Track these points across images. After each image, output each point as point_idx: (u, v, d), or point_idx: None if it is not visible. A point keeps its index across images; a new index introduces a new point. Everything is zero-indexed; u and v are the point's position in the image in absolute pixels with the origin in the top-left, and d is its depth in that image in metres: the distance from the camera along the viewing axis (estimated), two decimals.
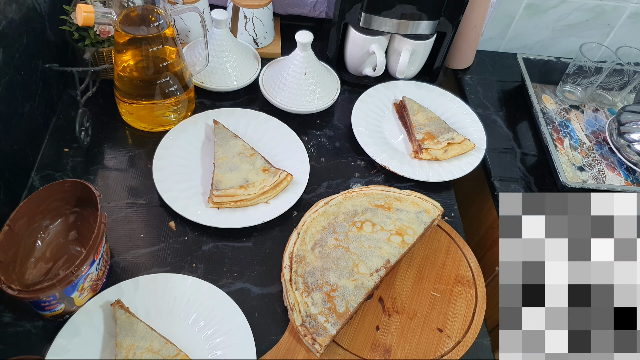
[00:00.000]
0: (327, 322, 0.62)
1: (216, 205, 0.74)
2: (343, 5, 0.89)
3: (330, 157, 0.87)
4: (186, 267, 0.70)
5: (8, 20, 0.68)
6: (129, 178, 0.78)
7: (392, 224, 0.72)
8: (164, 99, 0.80)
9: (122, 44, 0.74)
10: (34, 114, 0.77)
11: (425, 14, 0.88)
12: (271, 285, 0.70)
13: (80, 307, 0.61)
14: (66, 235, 0.66)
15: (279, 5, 1.04)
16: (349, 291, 0.65)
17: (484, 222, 0.98)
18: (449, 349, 0.66)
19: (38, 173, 0.77)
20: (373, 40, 0.93)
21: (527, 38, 1.13)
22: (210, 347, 0.62)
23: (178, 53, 0.78)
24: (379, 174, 0.86)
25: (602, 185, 0.88)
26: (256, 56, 0.96)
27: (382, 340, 0.66)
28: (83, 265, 0.57)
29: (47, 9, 0.80)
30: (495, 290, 0.93)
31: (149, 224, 0.74)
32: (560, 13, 1.07)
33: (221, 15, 0.86)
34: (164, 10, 0.73)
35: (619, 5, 1.06)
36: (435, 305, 0.69)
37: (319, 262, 0.68)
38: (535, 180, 0.89)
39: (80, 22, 0.67)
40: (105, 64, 0.85)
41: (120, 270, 0.68)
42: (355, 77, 1.01)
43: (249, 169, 0.78)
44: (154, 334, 0.60)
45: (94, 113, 0.85)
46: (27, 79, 0.74)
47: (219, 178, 0.76)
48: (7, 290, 0.54)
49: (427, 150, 0.85)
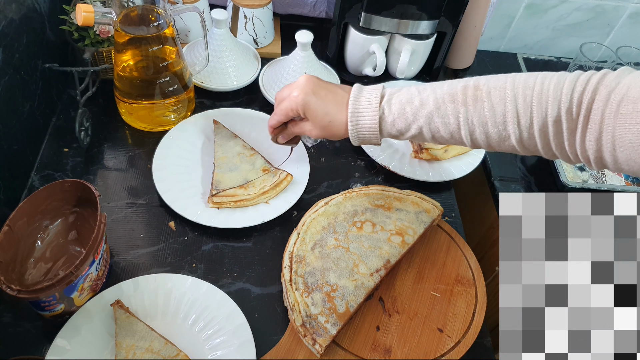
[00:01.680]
0: (328, 322, 0.62)
1: (216, 205, 0.74)
2: (343, 5, 0.89)
3: (330, 157, 0.87)
4: (186, 267, 0.70)
5: (8, 20, 0.68)
6: (129, 178, 0.78)
7: (392, 224, 0.72)
8: (164, 99, 0.80)
9: (122, 43, 0.74)
10: (34, 114, 0.77)
11: (425, 13, 0.88)
12: (271, 286, 0.70)
13: (80, 307, 0.61)
14: (66, 235, 0.66)
15: (279, 5, 1.04)
16: (349, 291, 0.65)
17: (484, 222, 0.98)
18: (449, 349, 0.66)
19: (38, 173, 0.77)
20: (373, 40, 0.93)
21: (527, 38, 1.13)
22: (210, 347, 0.62)
23: (178, 53, 0.78)
24: (379, 174, 0.86)
25: (602, 185, 0.88)
26: (256, 56, 0.96)
27: (382, 340, 0.66)
28: (83, 265, 0.57)
29: (47, 9, 0.80)
30: (496, 290, 0.93)
31: (149, 224, 0.74)
32: (561, 13, 1.07)
33: (221, 15, 0.86)
34: (164, 10, 0.73)
35: (619, 5, 1.06)
36: (435, 305, 0.69)
37: (319, 262, 0.68)
38: (535, 180, 0.89)
39: (80, 22, 0.67)
40: (105, 64, 0.84)
41: (120, 270, 0.68)
42: (355, 77, 1.01)
43: (248, 169, 0.78)
44: (154, 334, 0.60)
45: (93, 113, 0.85)
46: (27, 79, 0.74)
47: (219, 178, 0.76)
48: (7, 290, 0.54)
49: (427, 150, 0.85)
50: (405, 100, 0.59)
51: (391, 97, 0.61)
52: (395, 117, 0.60)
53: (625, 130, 0.47)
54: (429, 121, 0.58)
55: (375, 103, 0.61)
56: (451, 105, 0.56)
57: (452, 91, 0.57)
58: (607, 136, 0.49)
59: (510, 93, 0.53)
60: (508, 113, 0.54)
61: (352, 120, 0.62)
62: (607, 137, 0.49)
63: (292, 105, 0.64)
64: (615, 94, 0.48)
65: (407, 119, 0.59)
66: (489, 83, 0.55)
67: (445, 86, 0.58)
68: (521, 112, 0.53)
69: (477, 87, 0.56)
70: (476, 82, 0.56)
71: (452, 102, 0.56)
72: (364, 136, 0.63)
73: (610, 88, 0.48)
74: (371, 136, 0.62)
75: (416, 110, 0.58)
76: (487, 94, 0.55)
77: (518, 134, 0.54)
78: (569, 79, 0.51)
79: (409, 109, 0.59)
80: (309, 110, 0.63)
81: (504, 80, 0.55)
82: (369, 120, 0.61)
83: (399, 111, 0.59)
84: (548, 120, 0.52)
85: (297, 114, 0.65)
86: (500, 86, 0.54)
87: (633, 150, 0.47)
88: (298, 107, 0.63)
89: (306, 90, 0.63)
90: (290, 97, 0.64)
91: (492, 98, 0.54)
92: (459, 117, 0.56)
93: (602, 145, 0.50)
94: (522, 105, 0.53)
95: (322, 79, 0.64)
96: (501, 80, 0.55)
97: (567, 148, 0.53)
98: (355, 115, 0.61)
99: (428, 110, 0.58)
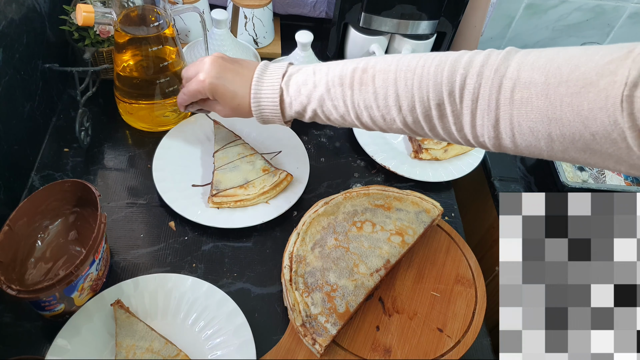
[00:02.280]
0: (328, 322, 0.62)
1: (216, 205, 0.74)
2: (343, 5, 0.89)
3: (330, 157, 0.87)
4: (186, 267, 0.70)
5: (8, 20, 0.68)
6: (129, 178, 0.78)
7: (392, 224, 0.72)
8: (164, 99, 0.80)
9: (122, 44, 0.74)
10: (34, 114, 0.77)
11: (425, 14, 0.88)
12: (271, 285, 0.70)
13: (80, 307, 0.61)
14: (66, 235, 0.66)
15: (279, 5, 1.04)
16: (349, 291, 0.65)
17: (484, 222, 0.98)
18: (449, 349, 0.66)
19: (38, 173, 0.77)
20: (373, 40, 0.93)
21: (527, 38, 1.13)
22: (210, 347, 0.62)
23: (178, 53, 0.78)
24: (379, 174, 0.86)
25: (602, 185, 0.88)
26: (256, 56, 0.96)
27: (382, 340, 0.66)
28: (83, 265, 0.57)
29: (47, 9, 0.80)
30: (495, 290, 0.93)
31: (149, 224, 0.74)
32: (560, 13, 1.07)
33: (221, 15, 0.86)
34: (164, 10, 0.73)
35: (619, 5, 1.06)
36: (435, 305, 0.69)
37: (319, 262, 0.68)
38: (535, 180, 0.89)
39: (80, 22, 0.67)
40: (105, 64, 0.84)
41: (120, 270, 0.68)
42: None
43: (248, 169, 0.78)
44: (154, 334, 0.60)
45: (94, 113, 0.85)
46: (27, 79, 0.74)
47: (219, 178, 0.76)
48: (7, 290, 0.54)
49: (427, 150, 0.85)
50: (302, 81, 0.58)
51: (290, 77, 0.59)
52: (292, 99, 0.59)
53: (523, 118, 0.45)
54: (321, 104, 0.57)
55: (276, 84, 0.59)
56: (339, 89, 0.56)
57: (342, 73, 0.56)
58: (505, 123, 0.46)
59: (392, 76, 0.52)
60: (389, 97, 0.52)
61: (255, 101, 0.61)
62: (505, 124, 0.46)
63: (200, 88, 0.63)
64: (507, 80, 0.45)
65: (302, 102, 0.58)
66: (376, 66, 0.54)
67: (339, 67, 0.56)
68: (402, 96, 0.51)
69: (365, 70, 0.54)
70: (365, 65, 0.55)
71: (341, 85, 0.55)
72: (267, 117, 0.62)
73: (501, 73, 0.46)
74: (274, 117, 0.62)
75: (310, 92, 0.58)
76: (372, 78, 0.53)
77: (402, 118, 0.53)
78: (449, 61, 0.49)
79: (304, 90, 0.58)
80: (217, 94, 0.63)
81: (389, 63, 0.53)
82: (270, 102, 0.60)
83: (295, 93, 0.58)
84: (430, 104, 0.50)
85: (205, 96, 0.65)
86: (385, 69, 0.53)
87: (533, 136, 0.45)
88: (206, 91, 0.63)
89: (212, 74, 0.62)
90: (197, 80, 0.63)
91: (376, 82, 0.53)
92: (347, 101, 0.55)
93: (501, 132, 0.47)
94: (402, 89, 0.51)
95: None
96: (387, 63, 0.54)
97: (455, 133, 0.51)
98: (258, 96, 0.60)
99: (320, 93, 0.57)
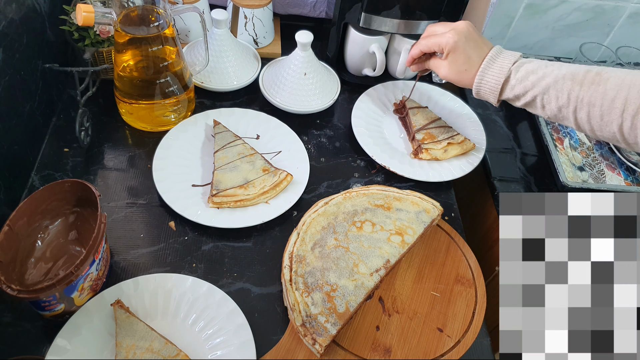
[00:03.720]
0: (328, 322, 0.62)
1: (216, 205, 0.74)
2: (343, 5, 0.89)
3: (330, 157, 0.87)
4: (186, 267, 0.70)
5: (8, 20, 0.68)
6: (129, 178, 0.78)
7: (392, 224, 0.73)
8: (164, 99, 0.80)
9: (122, 44, 0.74)
10: (34, 114, 0.77)
11: (425, 14, 0.88)
12: (271, 285, 0.70)
13: (80, 307, 0.61)
14: (66, 235, 0.66)
15: (279, 5, 1.04)
16: (349, 291, 0.65)
17: (484, 222, 0.98)
18: (449, 349, 0.66)
19: (38, 173, 0.77)
20: (373, 40, 0.93)
21: (527, 38, 1.13)
22: (210, 347, 0.62)
23: (178, 53, 0.78)
24: (379, 174, 0.86)
25: (602, 185, 0.88)
26: (256, 56, 0.96)
27: (382, 340, 0.66)
28: (83, 265, 0.57)
29: (47, 9, 0.80)
30: (495, 290, 0.93)
31: (149, 224, 0.74)
32: (560, 13, 1.07)
33: (221, 15, 0.86)
34: (164, 10, 0.73)
35: (619, 5, 1.06)
36: (435, 305, 0.69)
37: (319, 262, 0.68)
38: (535, 180, 0.89)
39: (80, 22, 0.67)
40: (105, 64, 0.85)
41: (120, 270, 0.68)
42: (355, 77, 1.01)
43: (248, 169, 0.78)
44: (154, 334, 0.60)
45: (94, 113, 0.85)
46: (27, 79, 0.74)
47: (219, 178, 0.76)
48: (7, 290, 0.54)
49: (427, 150, 0.85)
50: (531, 69, 0.65)
51: (521, 64, 0.66)
52: (516, 83, 0.66)
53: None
54: (544, 92, 0.63)
55: (506, 67, 0.67)
56: (569, 82, 0.61)
57: (576, 71, 0.61)
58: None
59: (627, 82, 0.56)
60: (618, 99, 0.56)
61: (481, 74, 0.68)
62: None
63: (442, 42, 0.69)
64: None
65: (525, 87, 0.65)
66: (613, 72, 0.59)
67: (573, 66, 0.62)
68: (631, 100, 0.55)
69: (600, 73, 0.59)
70: (601, 69, 0.60)
71: (572, 79, 0.61)
72: (484, 91, 0.70)
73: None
74: (490, 94, 0.69)
75: (537, 81, 0.64)
76: (605, 80, 0.58)
77: (620, 121, 0.57)
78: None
79: (532, 77, 0.65)
80: (454, 52, 0.68)
81: (628, 72, 0.58)
82: (494, 78, 0.67)
83: (522, 78, 0.65)
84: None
85: (441, 51, 0.70)
86: (621, 75, 0.57)
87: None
88: (448, 46, 0.68)
89: (461, 34, 0.68)
90: (444, 34, 0.69)
91: (609, 84, 0.57)
92: (571, 94, 0.60)
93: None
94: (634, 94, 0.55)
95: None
96: (625, 72, 0.58)
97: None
98: (486, 70, 0.68)
99: (547, 83, 0.63)
